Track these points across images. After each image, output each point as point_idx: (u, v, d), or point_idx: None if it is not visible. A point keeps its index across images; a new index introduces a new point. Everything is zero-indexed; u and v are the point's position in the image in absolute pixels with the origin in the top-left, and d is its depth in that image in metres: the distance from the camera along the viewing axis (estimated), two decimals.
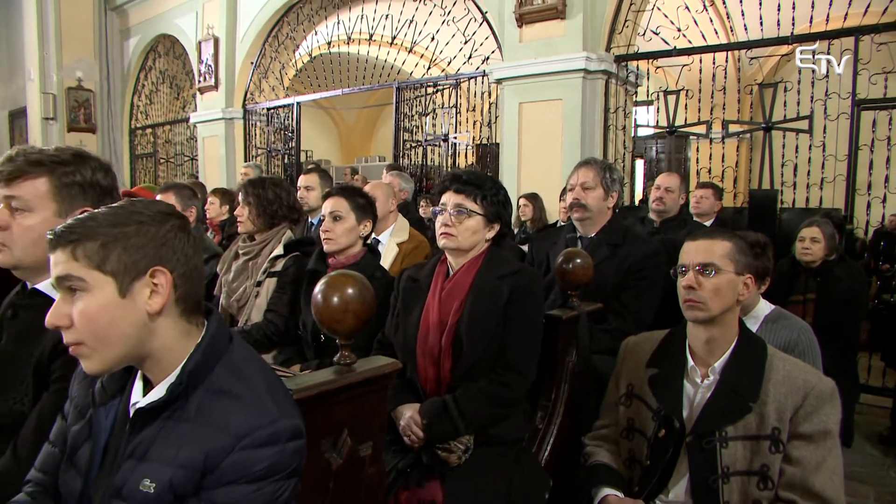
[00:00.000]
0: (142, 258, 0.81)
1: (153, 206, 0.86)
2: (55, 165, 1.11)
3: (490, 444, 1.48)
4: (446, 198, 1.57)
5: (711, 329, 1.35)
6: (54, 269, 0.80)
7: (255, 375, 0.86)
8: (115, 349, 0.81)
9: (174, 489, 0.77)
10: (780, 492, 1.26)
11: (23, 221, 1.09)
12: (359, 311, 1.04)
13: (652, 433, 1.40)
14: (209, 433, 0.78)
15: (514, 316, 1.49)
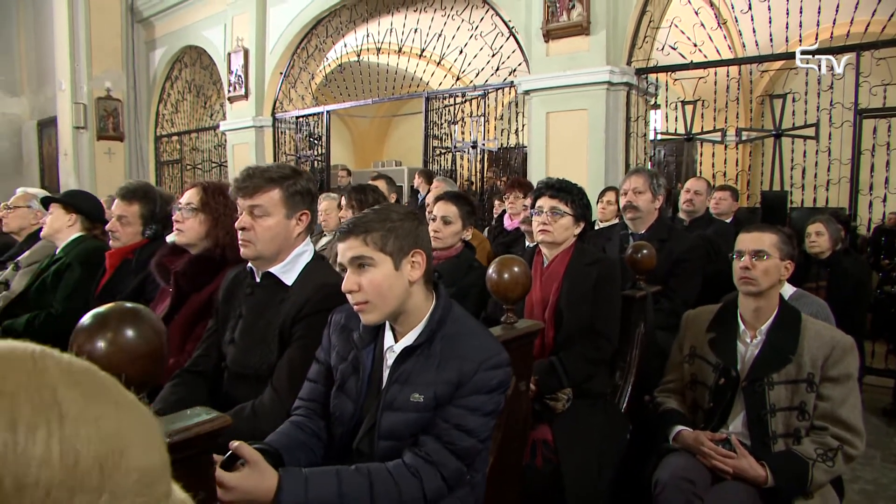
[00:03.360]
0: (407, 243, 1.22)
1: (401, 208, 1.27)
2: (283, 179, 1.51)
3: (584, 396, 1.89)
4: (542, 202, 1.99)
5: (760, 300, 1.77)
6: (349, 252, 1.21)
7: (474, 323, 1.28)
8: (389, 306, 1.22)
9: (437, 399, 1.18)
10: (814, 421, 1.67)
11: (262, 223, 1.49)
12: (525, 284, 1.45)
13: (713, 383, 1.81)
14: (458, 360, 1.19)
15: (601, 294, 1.90)
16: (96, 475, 0.32)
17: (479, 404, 1.17)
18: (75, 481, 0.31)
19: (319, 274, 1.54)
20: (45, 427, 0.31)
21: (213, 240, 1.83)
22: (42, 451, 0.30)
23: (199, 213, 1.83)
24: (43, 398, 0.32)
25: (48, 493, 0.30)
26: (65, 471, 0.31)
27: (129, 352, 0.71)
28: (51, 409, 0.32)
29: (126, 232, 2.19)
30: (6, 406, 0.31)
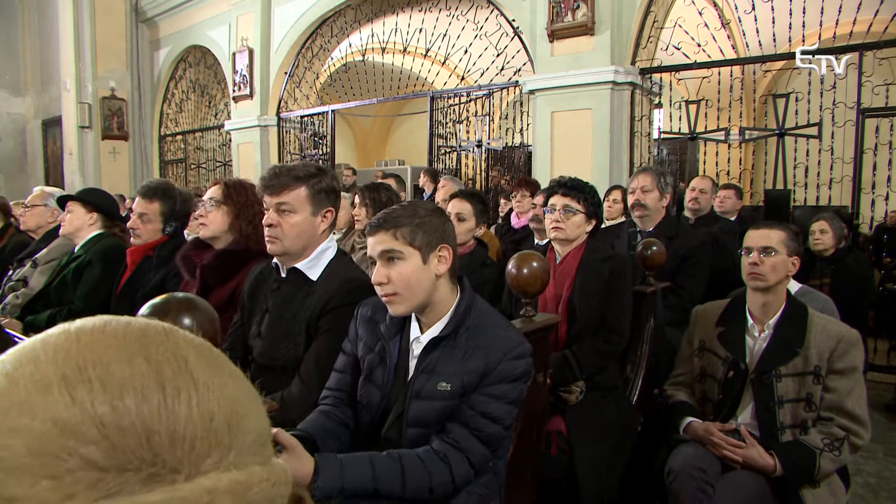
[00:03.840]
0: (435, 238, 1.27)
1: (428, 204, 1.32)
2: (309, 178, 1.56)
3: (596, 389, 1.94)
4: (555, 200, 2.04)
5: (768, 295, 1.82)
6: (379, 246, 1.26)
7: (497, 315, 1.33)
8: (416, 298, 1.27)
9: (464, 387, 1.23)
10: (821, 412, 1.72)
11: (289, 220, 1.54)
12: (544, 278, 1.50)
13: (722, 375, 1.86)
14: (483, 351, 1.24)
15: (613, 289, 1.95)
16: (226, 433, 0.37)
17: (503, 392, 1.22)
18: (212, 437, 0.36)
19: (343, 269, 1.59)
20: (186, 390, 0.37)
21: (237, 231, 1.88)
22: (186, 410, 0.36)
23: (222, 206, 1.89)
24: (180, 366, 0.38)
25: (193, 447, 0.35)
26: (204, 427, 0.36)
27: None
28: (187, 376, 0.37)
29: (147, 229, 2.25)
30: (155, 371, 0.36)
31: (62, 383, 0.34)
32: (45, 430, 0.32)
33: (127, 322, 0.39)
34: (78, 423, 0.33)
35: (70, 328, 0.38)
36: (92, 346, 0.36)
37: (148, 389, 0.35)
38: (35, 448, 0.32)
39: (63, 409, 0.33)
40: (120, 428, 0.33)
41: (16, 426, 0.32)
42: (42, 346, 0.36)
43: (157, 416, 0.35)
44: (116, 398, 0.34)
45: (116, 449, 0.33)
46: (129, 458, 0.33)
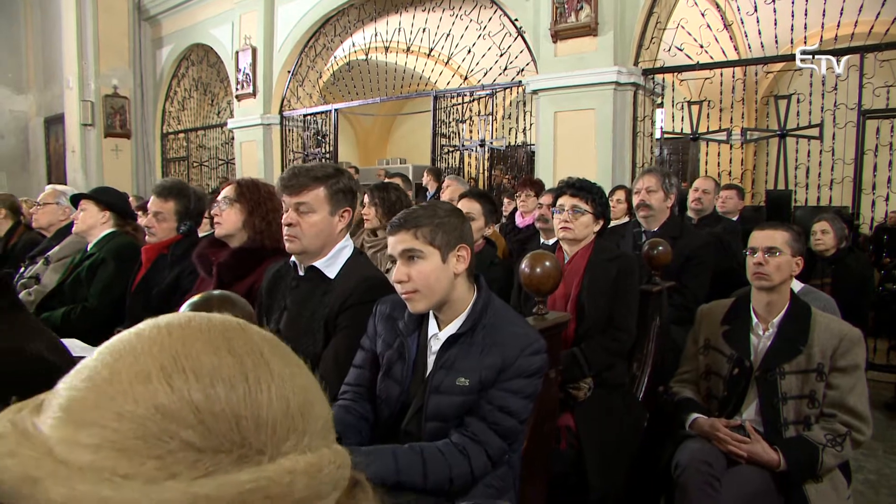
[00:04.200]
0: (454, 238, 1.31)
1: (447, 205, 1.36)
2: (327, 178, 1.60)
3: (603, 386, 1.99)
4: (563, 200, 2.08)
5: (772, 294, 1.86)
6: (400, 245, 1.30)
7: (512, 313, 1.37)
8: (435, 296, 1.31)
9: (482, 382, 1.27)
10: (824, 409, 1.77)
11: (308, 220, 1.58)
12: (556, 277, 1.54)
13: (727, 373, 1.90)
14: (500, 347, 1.28)
15: (620, 288, 1.99)
16: (300, 419, 0.41)
17: (520, 387, 1.26)
18: (289, 423, 0.40)
19: (360, 268, 1.63)
20: (265, 380, 0.41)
21: (251, 229, 1.92)
22: (266, 397, 0.40)
23: (236, 204, 1.93)
24: (258, 357, 0.42)
25: (274, 431, 0.39)
26: (283, 414, 0.40)
27: None
28: (265, 366, 0.41)
29: (162, 228, 2.28)
30: (238, 362, 0.40)
31: (160, 373, 0.38)
32: (148, 416, 0.36)
33: (207, 318, 0.43)
34: (177, 409, 0.37)
35: (160, 323, 0.42)
36: (182, 339, 0.40)
37: (234, 379, 0.39)
38: (141, 432, 0.36)
39: (163, 396, 0.37)
40: (213, 413, 0.37)
41: (122, 412, 0.36)
42: (137, 339, 0.40)
43: (243, 403, 0.39)
44: (208, 387, 0.38)
45: (211, 432, 0.37)
46: (221, 441, 0.37)
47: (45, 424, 0.37)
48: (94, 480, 0.34)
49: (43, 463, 0.35)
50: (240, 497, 0.36)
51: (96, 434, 0.36)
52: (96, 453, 0.35)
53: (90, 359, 0.40)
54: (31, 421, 0.38)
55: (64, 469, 0.35)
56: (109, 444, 0.36)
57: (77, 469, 0.35)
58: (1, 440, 0.37)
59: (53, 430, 0.37)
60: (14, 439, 0.36)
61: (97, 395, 0.37)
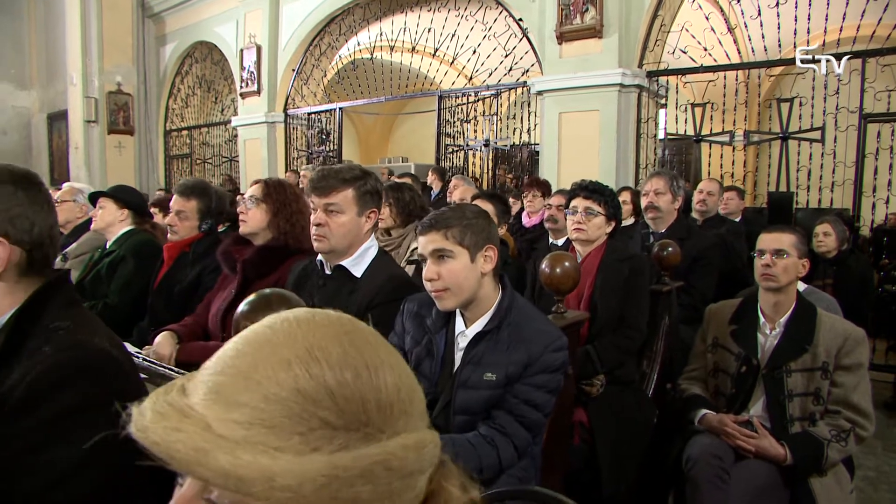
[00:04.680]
0: (481, 238, 1.37)
1: (474, 207, 1.43)
2: (355, 180, 1.66)
3: (615, 383, 2.05)
4: (577, 202, 2.14)
5: (779, 295, 1.93)
6: (430, 245, 1.36)
7: (535, 311, 1.43)
8: (464, 294, 1.37)
9: (508, 377, 1.33)
10: (829, 406, 1.83)
11: (336, 220, 1.64)
12: (575, 277, 1.61)
13: (735, 371, 1.97)
14: (526, 343, 1.35)
15: (632, 288, 2.06)
16: (408, 402, 0.48)
17: (544, 382, 1.33)
18: (400, 405, 0.47)
19: (386, 267, 1.69)
20: (381, 368, 0.47)
21: (276, 228, 1.98)
22: (383, 383, 0.46)
23: (262, 204, 1.98)
24: (371, 348, 0.48)
25: (391, 412, 0.46)
26: (396, 397, 0.47)
27: None
28: (377, 356, 0.48)
29: (184, 226, 2.34)
30: (359, 352, 0.47)
31: (299, 362, 0.44)
32: (291, 398, 0.43)
33: (325, 314, 0.50)
34: (315, 393, 0.43)
35: (289, 318, 0.48)
36: (311, 332, 0.46)
37: (358, 367, 0.46)
38: (286, 412, 0.43)
39: (303, 381, 0.43)
40: (344, 397, 0.44)
41: (268, 395, 0.43)
42: (272, 333, 0.46)
43: (367, 387, 0.45)
44: (339, 374, 0.44)
45: (343, 413, 0.44)
46: (351, 420, 0.44)
47: (197, 405, 0.44)
48: (253, 452, 0.41)
49: (206, 437, 0.41)
50: (369, 468, 0.43)
51: (247, 413, 0.42)
52: (248, 430, 0.42)
53: (227, 350, 0.47)
54: (184, 402, 0.44)
55: (224, 442, 0.41)
56: (259, 422, 0.42)
57: (234, 442, 0.41)
58: (165, 419, 0.43)
59: (207, 409, 0.43)
60: (176, 418, 0.43)
61: (245, 380, 0.43)
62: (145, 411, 0.44)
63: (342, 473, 0.42)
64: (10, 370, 0.89)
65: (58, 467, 0.86)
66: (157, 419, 0.43)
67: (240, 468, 0.40)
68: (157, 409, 0.44)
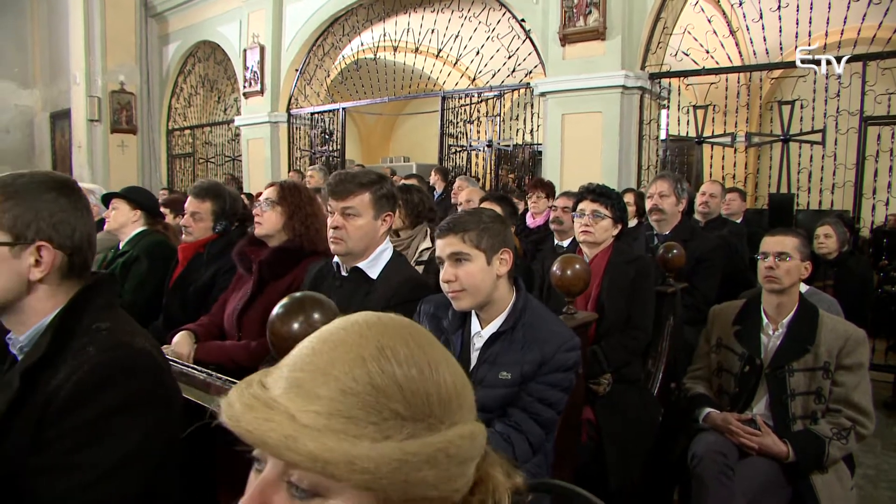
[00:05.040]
0: (497, 242, 1.42)
1: (490, 211, 1.47)
2: (372, 184, 1.70)
3: (621, 382, 2.10)
4: (584, 205, 2.19)
5: (782, 297, 1.98)
6: (448, 248, 1.41)
7: (548, 312, 1.48)
8: (480, 296, 1.42)
9: (523, 376, 1.38)
10: (830, 405, 1.88)
11: (354, 223, 1.68)
12: (586, 279, 1.66)
13: (738, 370, 2.02)
14: (540, 344, 1.39)
15: (638, 290, 2.11)
16: (462, 396, 0.53)
17: (558, 381, 1.37)
18: (456, 399, 0.52)
19: (401, 269, 1.73)
20: (439, 364, 0.52)
21: (291, 230, 2.02)
22: (443, 379, 0.52)
23: (277, 206, 2.03)
24: (429, 347, 0.53)
25: (449, 405, 0.51)
26: (453, 391, 0.52)
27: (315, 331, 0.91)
28: (434, 354, 0.53)
29: (198, 227, 2.38)
30: (421, 351, 0.52)
31: (371, 359, 0.49)
32: (366, 392, 0.48)
33: (389, 317, 0.55)
34: (387, 387, 0.48)
35: (359, 320, 0.53)
36: (381, 333, 0.52)
37: (421, 364, 0.51)
38: (362, 404, 0.48)
39: (376, 377, 0.49)
40: (412, 391, 0.49)
41: (345, 389, 0.48)
42: (345, 333, 0.52)
43: (430, 383, 0.50)
44: (407, 370, 0.50)
45: (410, 405, 0.49)
46: (417, 412, 0.49)
47: (280, 398, 0.49)
48: (335, 438, 0.46)
49: (293, 426, 0.46)
50: (433, 455, 0.48)
51: (326, 405, 0.47)
52: (328, 419, 0.47)
53: (304, 349, 0.52)
54: (268, 395, 0.49)
55: (308, 430, 0.46)
56: (338, 413, 0.47)
57: (317, 430, 0.46)
58: (253, 410, 0.48)
59: (289, 402, 0.48)
60: (263, 410, 0.48)
61: (323, 376, 0.49)
62: (234, 403, 0.49)
63: (411, 458, 0.47)
64: (56, 370, 0.94)
65: (100, 465, 0.90)
66: (246, 410, 0.48)
67: (325, 452, 0.45)
68: (244, 401, 0.49)
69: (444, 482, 0.50)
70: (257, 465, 0.54)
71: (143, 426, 0.94)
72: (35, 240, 0.99)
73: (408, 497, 0.49)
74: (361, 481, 0.46)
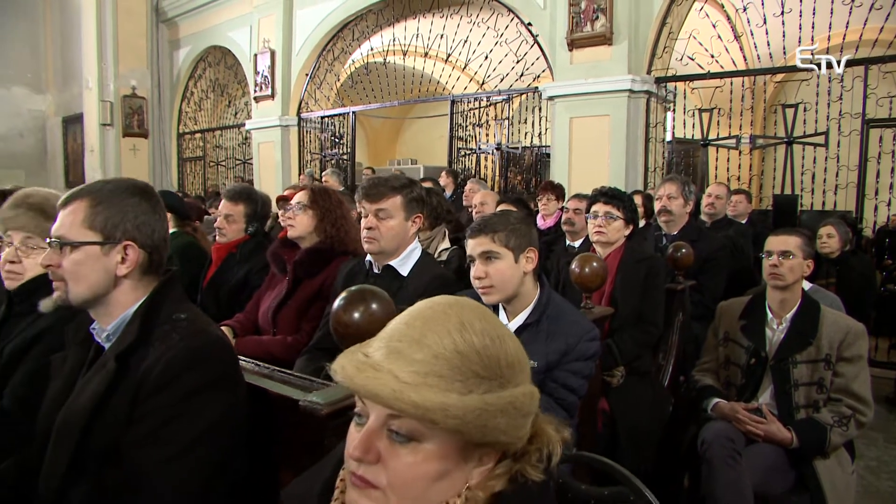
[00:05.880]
0: (524, 241, 1.55)
1: (516, 213, 1.60)
2: (403, 188, 1.83)
3: (633, 374, 2.22)
4: (597, 207, 2.32)
5: (785, 293, 2.09)
6: (479, 247, 1.53)
7: (570, 306, 1.61)
8: (508, 291, 1.55)
9: (548, 364, 1.51)
10: (831, 394, 2.00)
11: (386, 224, 1.81)
12: (603, 276, 1.78)
13: (744, 362, 2.14)
14: (563, 335, 1.52)
15: (649, 287, 2.23)
16: (523, 362, 0.66)
17: (580, 368, 1.50)
18: (518, 363, 0.65)
19: (430, 266, 1.86)
20: (505, 335, 0.65)
21: (321, 232, 2.15)
22: (508, 347, 0.65)
23: (308, 210, 2.16)
24: (495, 321, 0.66)
25: (514, 368, 0.65)
26: (515, 357, 0.65)
27: (374, 319, 1.04)
28: (501, 328, 0.66)
29: (232, 229, 2.52)
30: (491, 324, 0.65)
31: (455, 331, 0.62)
32: (453, 357, 0.61)
33: (465, 300, 0.68)
34: (469, 353, 0.61)
35: (441, 301, 0.66)
36: (460, 311, 0.65)
37: (492, 335, 0.64)
38: (450, 366, 0.61)
39: (460, 345, 0.61)
40: (488, 356, 0.62)
41: (437, 354, 0.61)
42: (432, 312, 0.65)
43: (500, 350, 0.63)
44: (482, 340, 0.63)
45: (486, 367, 0.62)
46: (492, 373, 0.62)
47: (383, 362, 0.62)
48: (432, 392, 0.59)
49: (397, 382, 0.59)
50: (504, 406, 0.61)
51: (422, 367, 0.60)
52: (425, 378, 0.60)
53: (399, 324, 0.65)
54: (372, 361, 0.62)
55: (410, 386, 0.59)
56: (432, 372, 0.60)
57: (417, 386, 0.59)
58: (363, 371, 0.61)
59: (391, 364, 0.61)
60: (371, 371, 0.61)
61: (418, 345, 0.62)
62: (345, 367, 0.62)
63: (489, 408, 0.60)
64: (145, 354, 1.07)
65: (186, 438, 1.02)
66: (357, 372, 0.61)
67: (426, 402, 0.58)
68: (353, 365, 0.62)
69: (512, 429, 0.63)
70: (357, 419, 0.67)
71: (221, 404, 1.07)
72: (122, 239, 1.12)
73: (485, 440, 0.62)
74: (452, 425, 0.59)
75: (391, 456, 0.62)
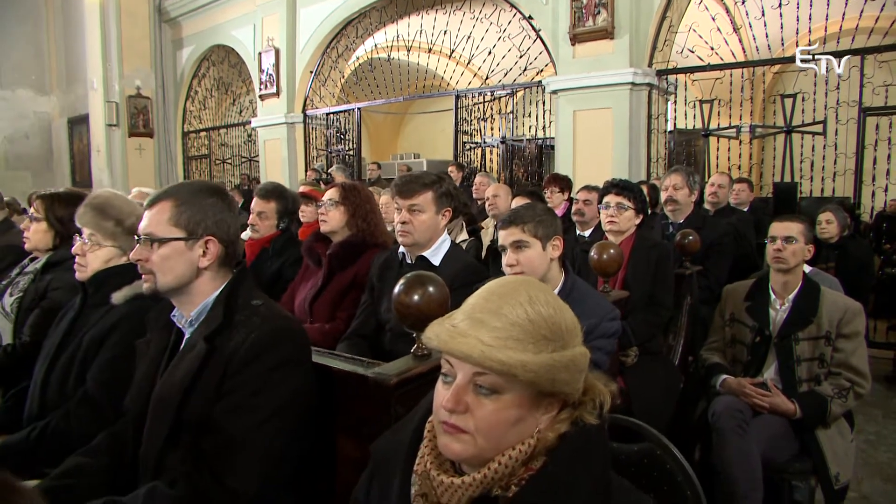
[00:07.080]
0: (551, 231, 1.70)
1: (542, 205, 1.75)
2: (433, 184, 1.98)
3: (646, 353, 2.38)
4: (609, 198, 2.46)
5: (788, 276, 2.25)
6: (510, 237, 1.68)
7: (590, 288, 1.76)
8: (537, 276, 1.69)
9: None
10: (831, 368, 2.15)
11: (419, 218, 1.95)
12: (620, 262, 1.94)
13: (750, 341, 2.29)
14: (587, 315, 1.65)
15: (659, 272, 2.38)
16: (578, 327, 0.81)
17: (602, 345, 1.65)
18: (573, 329, 0.80)
19: (460, 256, 2.01)
20: (563, 308, 0.80)
21: (353, 226, 2.30)
22: (567, 315, 0.80)
23: (340, 206, 2.30)
24: (553, 294, 0.81)
25: (572, 333, 0.79)
26: (572, 324, 0.80)
27: (431, 300, 1.20)
28: (559, 301, 0.81)
29: (264, 225, 2.66)
30: (552, 298, 0.80)
31: (526, 303, 0.77)
32: (525, 324, 0.76)
33: (531, 279, 0.83)
34: (538, 320, 0.76)
35: (510, 280, 0.82)
36: (528, 287, 0.80)
37: (555, 306, 0.79)
38: (523, 331, 0.76)
39: (531, 314, 0.76)
40: (552, 322, 0.77)
41: (513, 322, 0.76)
42: (504, 289, 0.80)
43: (560, 318, 0.78)
44: (547, 310, 0.78)
45: (552, 331, 0.77)
46: (556, 337, 0.77)
47: (469, 330, 0.76)
48: (512, 352, 0.74)
49: (483, 345, 0.74)
50: (567, 363, 0.77)
51: (502, 332, 0.75)
52: (505, 341, 0.75)
53: (478, 298, 0.80)
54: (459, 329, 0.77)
55: (493, 348, 0.74)
56: (510, 336, 0.75)
57: (499, 348, 0.74)
58: (455, 338, 0.76)
59: (475, 331, 0.77)
60: (461, 337, 0.76)
61: (496, 314, 0.77)
62: (439, 334, 0.77)
63: (557, 364, 0.75)
64: (229, 336, 1.22)
65: (272, 405, 1.18)
66: (449, 339, 0.76)
67: (509, 359, 0.73)
68: (446, 333, 0.77)
69: (573, 381, 0.78)
70: (444, 378, 0.82)
71: (298, 377, 1.22)
72: (203, 235, 1.27)
73: (553, 390, 0.77)
74: (529, 378, 0.74)
75: (477, 406, 0.77)
